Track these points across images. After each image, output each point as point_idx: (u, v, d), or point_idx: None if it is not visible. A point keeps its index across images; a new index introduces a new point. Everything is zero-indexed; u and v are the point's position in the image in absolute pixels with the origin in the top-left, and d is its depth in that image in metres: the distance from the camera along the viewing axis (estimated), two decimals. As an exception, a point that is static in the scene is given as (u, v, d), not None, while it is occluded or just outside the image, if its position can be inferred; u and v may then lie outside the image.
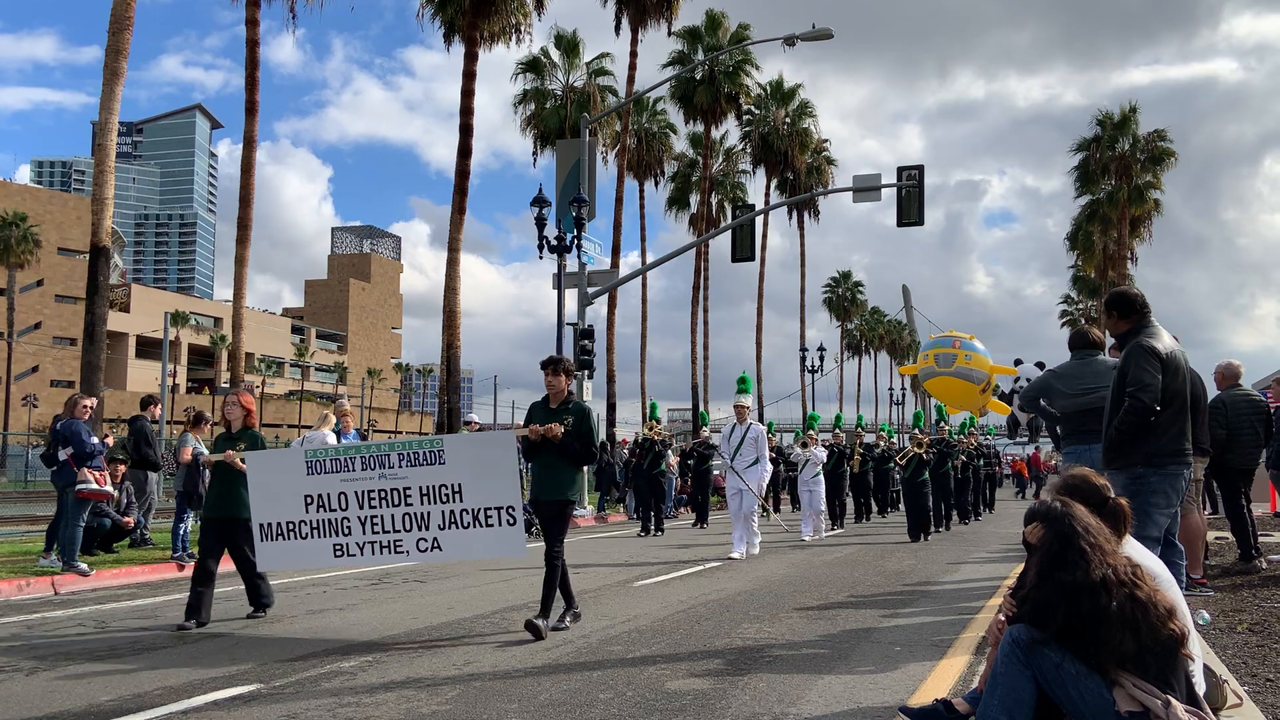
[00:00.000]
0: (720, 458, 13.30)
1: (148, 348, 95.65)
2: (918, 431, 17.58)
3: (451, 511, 7.00)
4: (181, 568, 11.28)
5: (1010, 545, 14.59)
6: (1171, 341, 6.00)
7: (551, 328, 23.68)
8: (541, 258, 23.00)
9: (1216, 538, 11.92)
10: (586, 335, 23.78)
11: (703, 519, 20.20)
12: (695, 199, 48.86)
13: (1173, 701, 3.35)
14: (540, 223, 22.60)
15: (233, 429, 8.05)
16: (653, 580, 10.38)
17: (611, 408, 37.32)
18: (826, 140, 55.07)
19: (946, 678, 5.48)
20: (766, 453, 13.56)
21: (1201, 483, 9.32)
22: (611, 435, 32.59)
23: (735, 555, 12.59)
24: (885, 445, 21.77)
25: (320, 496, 7.32)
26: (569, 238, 23.10)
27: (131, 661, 6.20)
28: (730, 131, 49.86)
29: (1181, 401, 5.89)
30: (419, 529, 7.06)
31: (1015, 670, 3.53)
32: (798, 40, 26.02)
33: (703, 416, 26.97)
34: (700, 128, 45.13)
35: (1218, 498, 13.52)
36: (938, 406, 18.83)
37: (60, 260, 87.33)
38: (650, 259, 46.63)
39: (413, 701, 5.05)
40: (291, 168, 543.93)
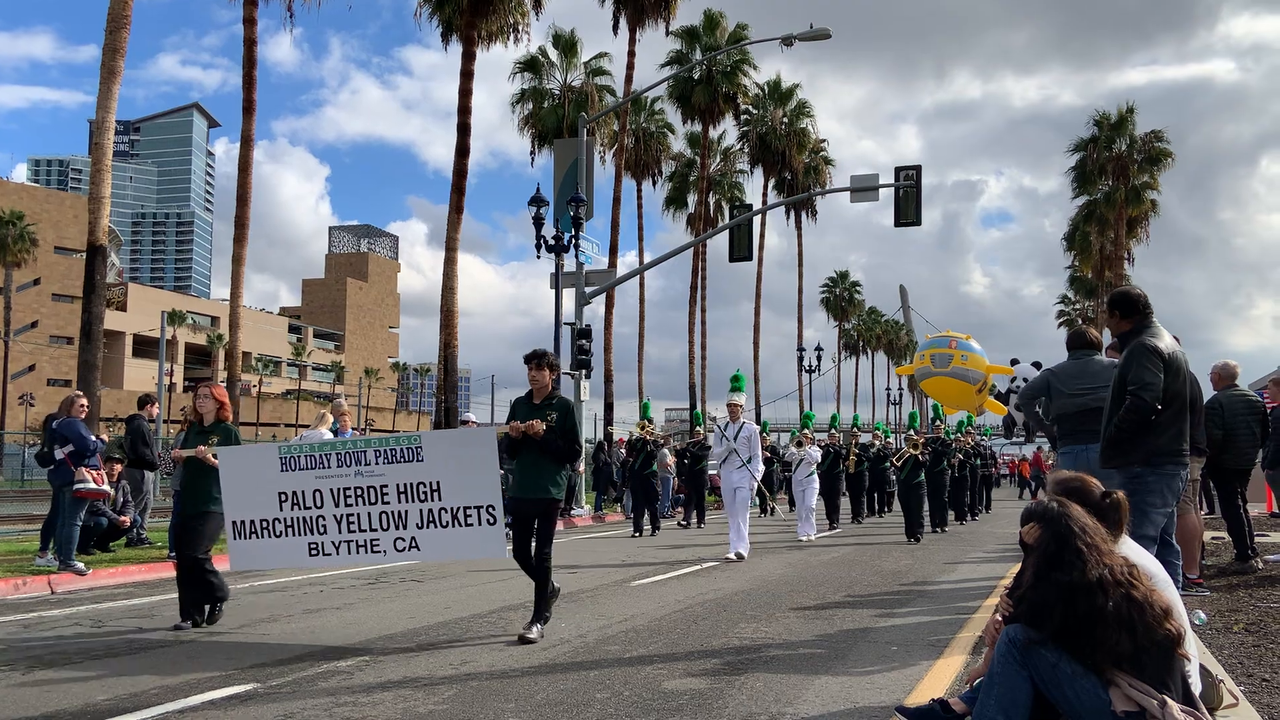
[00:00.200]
0: (724, 442, 13.24)
1: (145, 347, 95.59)
2: (913, 432, 17.55)
3: (430, 510, 6.85)
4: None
5: (1007, 545, 14.60)
6: (1172, 342, 6.02)
7: (549, 327, 23.70)
8: (539, 257, 23.00)
9: (1213, 538, 11.93)
10: (584, 335, 23.77)
11: (699, 519, 20.14)
12: (693, 199, 48.87)
13: (1169, 701, 3.36)
14: (538, 222, 22.60)
15: (205, 423, 7.80)
16: (649, 580, 10.38)
17: (609, 407, 37.30)
18: (824, 140, 55.10)
19: (943, 677, 5.49)
20: (759, 452, 13.52)
21: (1198, 483, 9.34)
22: (609, 435, 32.54)
23: (742, 551, 12.50)
24: (880, 445, 21.75)
25: (295, 494, 7.15)
26: (567, 237, 23.09)
27: (128, 661, 6.19)
28: (728, 131, 49.92)
29: (1181, 403, 5.91)
30: (396, 528, 6.92)
31: (1012, 670, 3.54)
32: (795, 40, 26.03)
33: (697, 416, 26.90)
34: (698, 127, 45.13)
35: (1214, 498, 13.54)
36: (934, 406, 18.85)
37: (57, 259, 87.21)
38: (648, 258, 46.56)
39: (410, 701, 5.05)
40: (289, 167, 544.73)
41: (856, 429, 20.86)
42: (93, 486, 11.02)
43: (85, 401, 11.67)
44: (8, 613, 8.28)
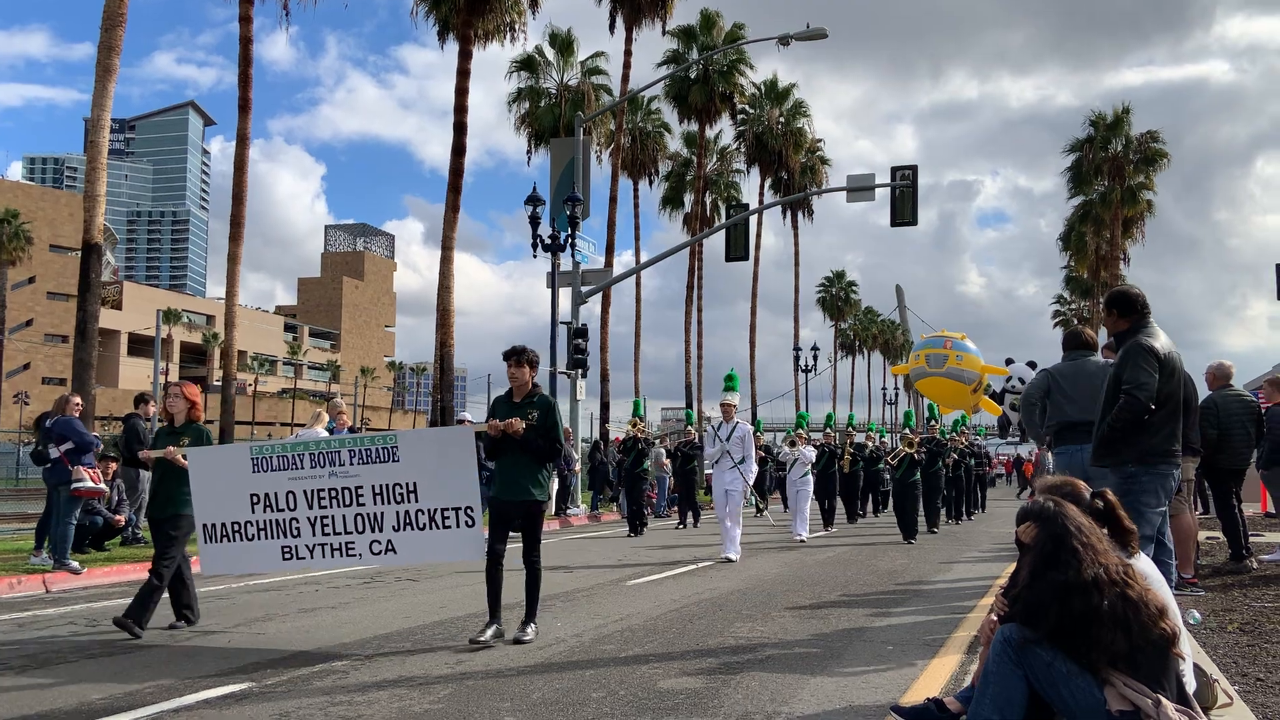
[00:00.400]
0: (716, 442, 13.12)
1: (140, 345, 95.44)
2: (908, 431, 17.51)
3: (406, 512, 6.64)
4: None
5: (1002, 545, 14.61)
6: (1168, 342, 6.03)
7: (545, 326, 23.71)
8: (536, 256, 22.98)
9: (1208, 538, 11.96)
10: (580, 334, 23.77)
11: (694, 519, 19.98)
12: (689, 198, 48.82)
13: (1163, 700, 3.36)
14: (534, 221, 22.58)
15: (176, 422, 7.53)
16: (645, 579, 10.38)
17: (605, 406, 37.28)
18: (820, 140, 55.03)
19: (939, 677, 5.49)
20: (753, 452, 13.38)
21: (1193, 483, 9.36)
22: (605, 434, 32.54)
23: (732, 556, 12.30)
24: (876, 445, 21.72)
25: (267, 495, 6.91)
26: (563, 236, 23.09)
27: (123, 660, 6.19)
28: (724, 131, 49.81)
29: (1175, 403, 5.93)
30: (372, 530, 6.70)
31: (1007, 669, 3.54)
32: (792, 40, 26.05)
33: (688, 415, 26.80)
34: (694, 127, 45.09)
35: (1209, 498, 13.57)
36: (930, 405, 18.88)
37: (52, 257, 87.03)
38: (644, 258, 46.58)
39: (405, 700, 5.04)
40: (285, 165, 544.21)
41: (851, 428, 20.82)
42: (90, 485, 11.01)
43: (79, 400, 11.68)
44: (2, 612, 8.27)
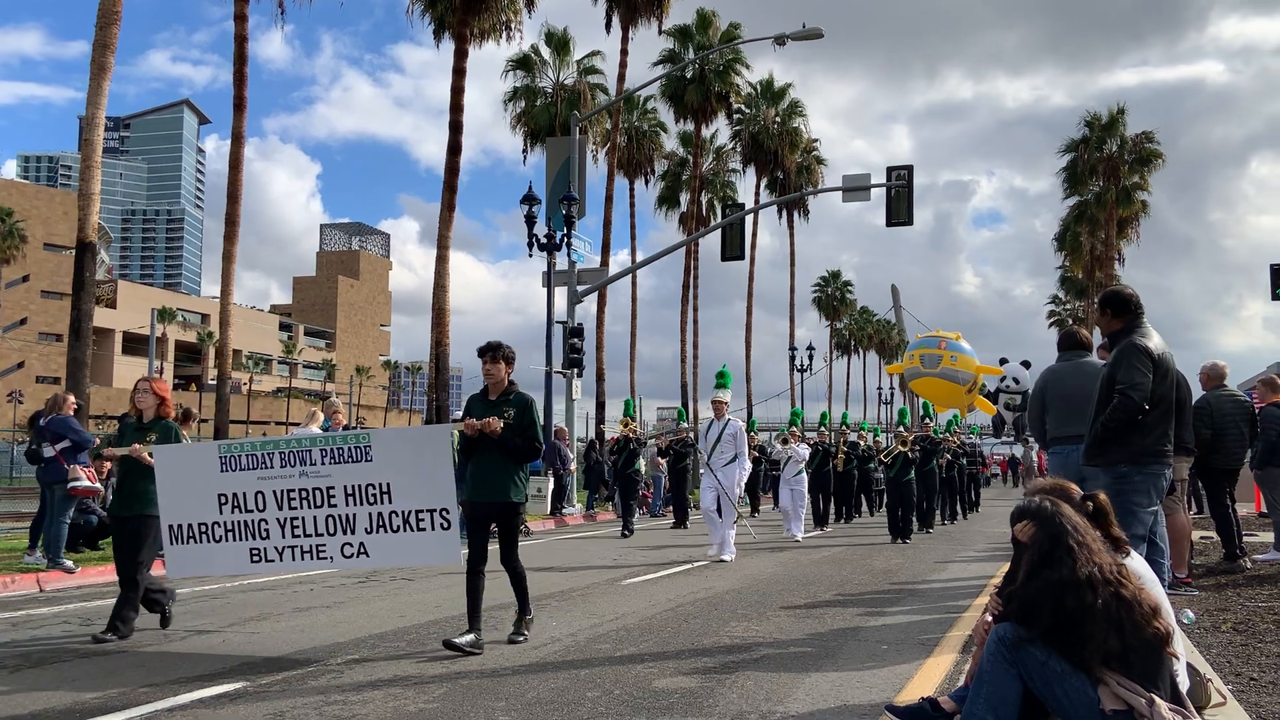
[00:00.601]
0: (705, 440, 13.04)
1: (134, 344, 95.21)
2: (902, 429, 17.45)
3: (379, 514, 6.41)
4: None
5: (997, 544, 14.63)
6: (1161, 343, 6.04)
7: (541, 325, 23.74)
8: (531, 255, 23.03)
9: (1201, 537, 11.99)
10: (576, 333, 23.77)
11: (682, 520, 19.57)
12: (685, 197, 48.85)
13: (1157, 700, 3.37)
14: (530, 220, 22.58)
15: (144, 419, 7.31)
16: (640, 579, 10.38)
17: (600, 406, 37.26)
18: (816, 140, 55.10)
19: (933, 676, 5.50)
20: (745, 450, 13.16)
21: (1187, 482, 9.38)
22: (600, 434, 32.51)
23: (726, 557, 12.21)
24: (869, 444, 21.58)
25: (235, 496, 6.69)
26: (559, 236, 23.09)
27: (117, 659, 6.17)
28: (720, 130, 49.90)
29: (1167, 405, 5.94)
30: (344, 533, 6.47)
31: (1001, 669, 3.55)
32: (788, 40, 26.06)
33: (680, 414, 26.73)
34: (691, 126, 45.12)
35: (1203, 497, 13.60)
36: (924, 404, 18.83)
37: (46, 256, 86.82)
38: (640, 257, 46.62)
39: (400, 700, 5.04)
40: (280, 164, 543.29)
41: (845, 427, 20.74)
42: (87, 484, 10.99)
43: (73, 398, 11.66)
44: (-4, 611, 8.24)
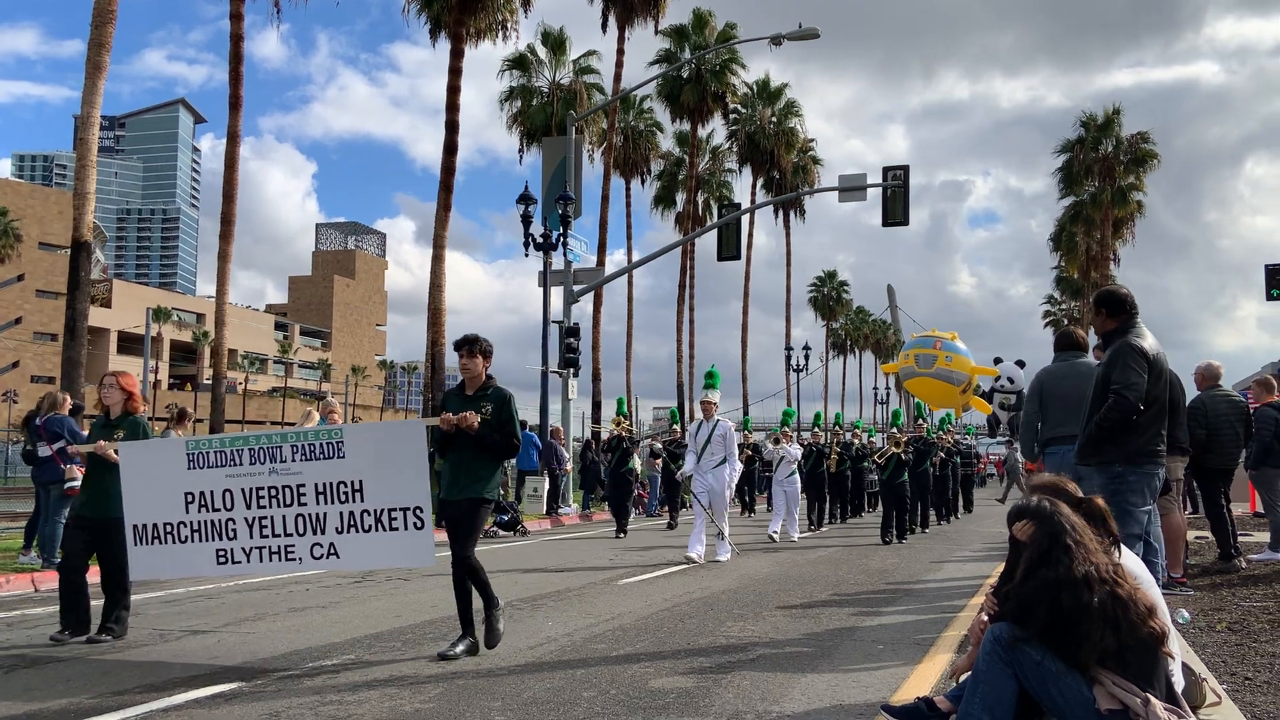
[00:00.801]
0: (694, 441, 12.88)
1: (129, 344, 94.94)
2: (895, 430, 17.40)
3: (351, 513, 6.21)
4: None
5: (993, 544, 14.65)
6: (1155, 343, 6.06)
7: (537, 325, 23.79)
8: (527, 255, 23.02)
9: (1196, 537, 12.01)
10: (572, 333, 23.77)
11: (673, 521, 19.54)
12: (681, 197, 48.93)
13: (1152, 699, 3.38)
14: (526, 220, 22.57)
15: (111, 415, 7.12)
16: (637, 579, 10.38)
17: (596, 406, 37.27)
18: (812, 140, 55.27)
19: (929, 676, 5.51)
20: (735, 451, 12.95)
21: (1182, 482, 9.40)
22: (596, 433, 32.51)
23: (721, 556, 12.21)
24: (863, 444, 21.52)
25: (202, 494, 6.49)
26: (555, 235, 23.07)
27: (112, 659, 6.16)
28: (717, 130, 49.99)
29: (1161, 405, 5.96)
30: (314, 533, 6.28)
31: (997, 668, 3.55)
32: (784, 40, 26.08)
33: (672, 414, 26.67)
34: (687, 126, 45.19)
35: (1198, 497, 13.62)
36: (917, 404, 18.84)
37: (41, 255, 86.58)
38: (636, 257, 46.72)
39: (396, 700, 5.03)
40: (275, 163, 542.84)
41: (839, 427, 20.69)
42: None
43: (69, 398, 11.62)
44: (-10, 611, 8.22)
